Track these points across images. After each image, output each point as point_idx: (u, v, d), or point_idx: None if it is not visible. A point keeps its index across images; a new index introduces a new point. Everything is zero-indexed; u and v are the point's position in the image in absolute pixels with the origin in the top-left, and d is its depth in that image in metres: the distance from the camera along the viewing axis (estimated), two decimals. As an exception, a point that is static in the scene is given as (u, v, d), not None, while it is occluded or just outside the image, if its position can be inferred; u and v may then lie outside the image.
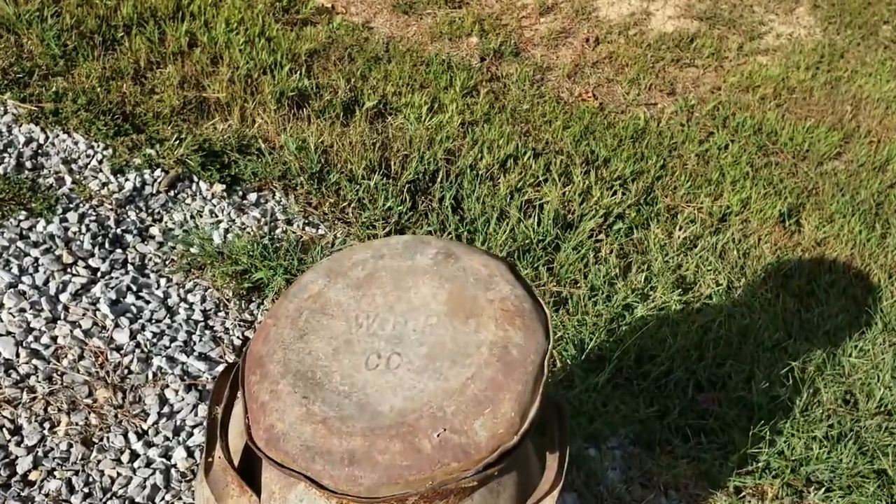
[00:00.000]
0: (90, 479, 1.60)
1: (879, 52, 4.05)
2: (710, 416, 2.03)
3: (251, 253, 2.09)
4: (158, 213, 2.25)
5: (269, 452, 0.88)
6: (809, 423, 2.04)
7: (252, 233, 2.24)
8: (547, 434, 1.07)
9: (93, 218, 2.14)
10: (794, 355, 2.24)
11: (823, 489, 1.91)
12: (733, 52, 3.87)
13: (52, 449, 1.63)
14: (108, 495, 1.59)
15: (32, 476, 1.59)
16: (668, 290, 2.35)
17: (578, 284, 2.31)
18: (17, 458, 1.61)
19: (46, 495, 1.56)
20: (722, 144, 3.26)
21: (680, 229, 2.70)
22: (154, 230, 2.18)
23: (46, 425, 1.67)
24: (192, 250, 2.12)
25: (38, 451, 1.62)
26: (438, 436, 0.83)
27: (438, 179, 2.58)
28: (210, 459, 0.98)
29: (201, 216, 2.27)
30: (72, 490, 1.58)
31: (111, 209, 2.20)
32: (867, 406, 2.12)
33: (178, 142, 2.47)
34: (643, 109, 3.41)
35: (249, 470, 1.01)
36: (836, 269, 2.70)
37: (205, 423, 0.98)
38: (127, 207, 2.22)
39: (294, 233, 2.29)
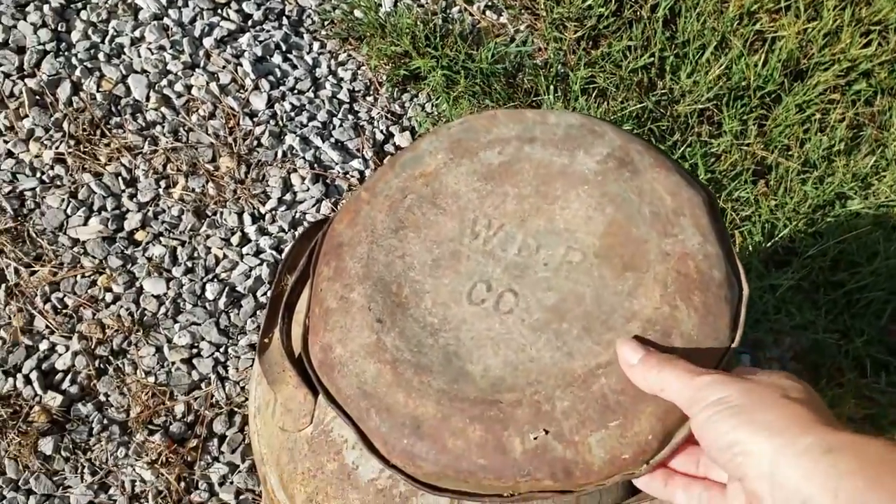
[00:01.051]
0: (195, 254, 1.50)
1: None
2: (902, 354, 1.68)
3: (416, 33, 1.81)
4: (329, -40, 1.97)
5: (321, 375, 0.68)
6: None
7: (426, 6, 1.93)
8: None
9: (257, -47, 1.90)
10: None
11: None
12: None
13: (164, 212, 1.53)
14: (210, 276, 1.48)
15: (139, 236, 1.50)
16: (890, 179, 1.90)
17: (790, 153, 1.90)
18: (127, 211, 1.52)
19: (149, 259, 1.48)
20: None
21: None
22: (320, -19, 1.92)
23: (162, 184, 1.55)
24: (356, 14, 1.86)
25: (148, 211, 1.52)
26: (536, 439, 0.59)
27: (657, -18, 2.13)
28: (266, 340, 0.79)
29: (375, -26, 1.98)
30: (175, 261, 1.49)
31: (279, -54, 1.93)
32: None
33: None
34: (941, -64, 2.68)
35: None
36: None
37: (269, 293, 0.78)
38: (296, -53, 1.95)
39: (472, 15, 1.97)
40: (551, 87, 1.84)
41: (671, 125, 1.87)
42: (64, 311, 1.41)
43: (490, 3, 2.01)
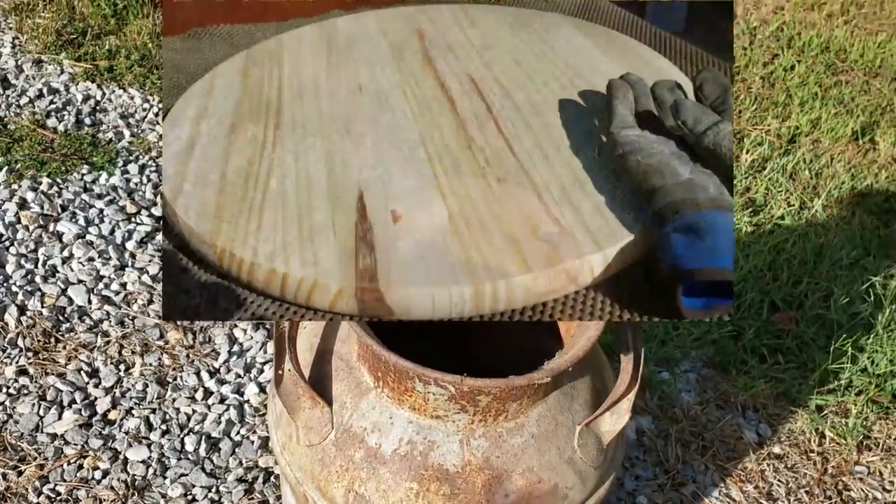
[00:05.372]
0: (167, 417, 1.63)
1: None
2: (787, 336, 1.97)
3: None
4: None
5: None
6: (894, 339, 1.96)
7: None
8: (620, 337, 1.04)
9: (153, 169, 2.16)
10: (874, 272, 2.15)
11: (911, 404, 1.84)
12: (795, -31, 3.70)
13: (129, 389, 1.66)
14: (185, 431, 1.61)
15: (112, 415, 1.62)
16: (737, 212, 2.27)
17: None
18: (96, 398, 1.64)
19: (126, 433, 1.60)
20: (788, 66, 3.14)
21: (747, 152, 2.61)
22: (213, 178, 2.19)
23: (122, 367, 1.70)
24: (252, 195, 2.12)
25: (115, 392, 1.66)
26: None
27: None
28: (280, 372, 0.97)
29: (259, 162, 2.27)
30: (150, 427, 1.61)
31: (170, 159, 2.21)
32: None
33: (231, 91, 2.46)
34: (702, 34, 3.29)
35: (320, 382, 1.01)
36: (916, 183, 2.58)
37: (273, 338, 0.97)
38: (186, 157, 2.23)
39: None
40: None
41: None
42: (58, 498, 1.50)
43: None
